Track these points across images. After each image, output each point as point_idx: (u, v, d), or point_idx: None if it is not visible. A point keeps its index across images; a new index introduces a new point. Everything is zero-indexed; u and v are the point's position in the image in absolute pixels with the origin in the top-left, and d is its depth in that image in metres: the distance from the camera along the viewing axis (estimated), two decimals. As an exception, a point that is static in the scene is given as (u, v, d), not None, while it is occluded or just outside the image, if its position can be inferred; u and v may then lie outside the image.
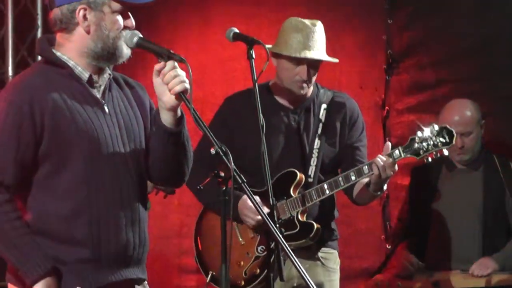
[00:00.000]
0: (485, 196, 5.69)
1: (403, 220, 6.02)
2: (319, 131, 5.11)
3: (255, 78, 4.54)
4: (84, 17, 3.67)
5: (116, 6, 3.67)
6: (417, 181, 5.92)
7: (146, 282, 3.89)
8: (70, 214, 3.65)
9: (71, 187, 3.66)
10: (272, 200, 4.38)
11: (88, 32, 3.69)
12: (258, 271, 5.02)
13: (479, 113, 5.75)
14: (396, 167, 4.84)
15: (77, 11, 3.67)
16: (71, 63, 3.71)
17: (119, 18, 3.68)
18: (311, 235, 4.99)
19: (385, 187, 4.95)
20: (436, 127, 4.86)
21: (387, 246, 6.32)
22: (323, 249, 5.16)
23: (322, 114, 5.14)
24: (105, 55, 3.70)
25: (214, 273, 5.06)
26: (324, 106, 5.15)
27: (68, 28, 3.71)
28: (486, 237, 5.66)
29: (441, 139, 4.83)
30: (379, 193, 4.96)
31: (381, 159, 4.80)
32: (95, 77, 3.74)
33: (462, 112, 5.71)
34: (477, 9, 6.30)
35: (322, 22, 5.10)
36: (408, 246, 5.88)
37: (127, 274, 3.76)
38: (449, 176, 5.83)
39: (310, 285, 3.51)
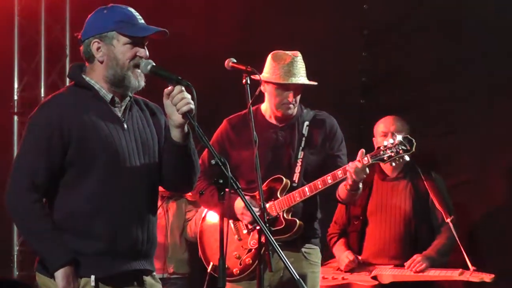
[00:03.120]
0: (412, 200, 5.66)
1: (338, 222, 5.96)
2: (302, 144, 5.11)
3: (250, 100, 4.61)
4: (98, 49, 3.72)
5: (125, 39, 3.70)
6: None
7: (154, 273, 3.90)
8: (91, 213, 3.68)
9: (93, 191, 3.68)
10: (263, 202, 4.42)
11: (102, 62, 3.73)
12: (250, 261, 5.04)
13: (404, 127, 5.68)
14: (367, 170, 4.85)
15: (91, 44, 3.73)
16: (96, 86, 3.75)
17: (130, 49, 3.70)
18: (295, 230, 5.00)
19: (360, 186, 4.94)
20: (399, 137, 4.86)
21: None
22: (307, 245, 5.15)
23: (305, 130, 5.14)
24: (116, 82, 3.73)
25: (214, 264, 5.10)
26: (306, 123, 5.15)
27: (90, 59, 3.76)
28: (414, 235, 5.64)
29: (403, 147, 4.83)
30: (356, 192, 4.95)
31: (352, 165, 4.83)
32: (117, 99, 3.77)
33: (389, 122, 5.69)
34: (439, 43, 6.34)
35: (308, 55, 5.12)
36: (345, 244, 5.85)
37: (136, 266, 3.78)
38: (381, 184, 5.79)
39: (294, 274, 3.56)
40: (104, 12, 3.77)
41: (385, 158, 4.86)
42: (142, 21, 3.77)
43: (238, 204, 4.97)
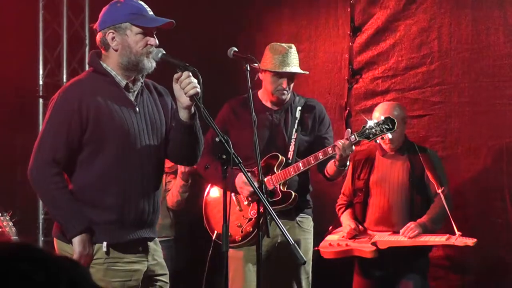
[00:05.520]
0: (409, 174, 5.57)
1: (345, 194, 5.92)
2: (295, 126, 5.12)
3: (250, 85, 4.59)
4: (113, 39, 3.70)
5: (137, 29, 3.69)
6: (357, 163, 5.83)
7: (156, 239, 3.92)
8: (102, 187, 3.69)
9: (105, 166, 3.69)
10: (261, 176, 4.41)
11: (116, 50, 3.71)
12: (251, 229, 5.03)
13: (403, 113, 5.61)
14: (353, 147, 4.84)
15: (107, 34, 3.71)
16: (113, 73, 3.75)
17: (142, 37, 3.68)
18: (290, 201, 4.99)
19: (348, 163, 4.94)
20: (382, 117, 4.85)
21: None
22: (300, 214, 5.16)
23: (297, 114, 5.14)
24: (131, 67, 3.72)
25: (218, 232, 5.08)
26: (299, 108, 5.15)
27: (106, 47, 3.75)
28: (411, 205, 5.57)
29: (386, 126, 4.82)
30: (343, 168, 4.96)
31: (340, 142, 4.81)
32: (130, 84, 3.77)
33: (391, 113, 5.48)
34: (417, 36, 6.29)
35: (301, 46, 5.14)
36: (351, 213, 5.82)
37: (142, 234, 3.79)
38: (382, 160, 5.70)
39: (289, 240, 3.55)
40: (118, 5, 3.76)
41: (370, 136, 4.85)
42: (152, 13, 3.77)
43: (239, 179, 4.97)
